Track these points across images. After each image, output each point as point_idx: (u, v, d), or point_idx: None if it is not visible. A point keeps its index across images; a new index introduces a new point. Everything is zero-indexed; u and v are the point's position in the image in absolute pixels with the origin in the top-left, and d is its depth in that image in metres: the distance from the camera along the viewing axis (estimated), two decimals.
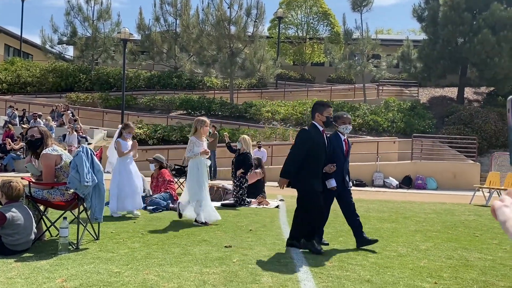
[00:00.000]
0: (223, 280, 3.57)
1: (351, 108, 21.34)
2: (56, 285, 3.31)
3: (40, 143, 4.77)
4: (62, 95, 24.84)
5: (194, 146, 6.31)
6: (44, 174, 4.68)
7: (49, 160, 4.63)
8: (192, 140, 6.36)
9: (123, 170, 6.82)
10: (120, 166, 6.84)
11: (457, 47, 22.20)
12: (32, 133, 4.82)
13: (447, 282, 3.74)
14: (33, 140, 4.79)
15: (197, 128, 6.40)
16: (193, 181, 6.31)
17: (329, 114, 5.00)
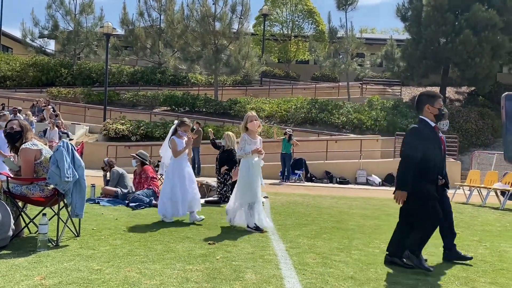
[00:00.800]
0: (206, 277, 3.53)
1: (335, 106, 21.46)
2: (34, 283, 3.23)
3: (19, 136, 4.66)
4: (43, 90, 24.36)
5: (246, 144, 5.74)
6: (23, 169, 4.56)
7: (28, 155, 4.52)
8: (244, 138, 5.78)
9: (178, 172, 6.18)
10: (175, 167, 6.19)
11: (439, 47, 22.50)
12: (12, 125, 4.70)
13: (429, 279, 3.77)
14: (12, 133, 4.67)
15: (246, 123, 5.81)
16: (244, 183, 5.73)
17: (440, 106, 4.24)
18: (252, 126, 5.79)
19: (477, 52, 20.73)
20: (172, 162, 6.26)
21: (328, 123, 20.60)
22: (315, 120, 20.81)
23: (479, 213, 8.83)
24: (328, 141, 17.65)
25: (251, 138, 5.80)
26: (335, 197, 10.92)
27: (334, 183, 15.95)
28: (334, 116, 20.76)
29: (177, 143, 6.21)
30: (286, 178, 15.10)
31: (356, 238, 5.47)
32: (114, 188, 8.12)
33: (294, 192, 11.68)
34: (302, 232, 5.76)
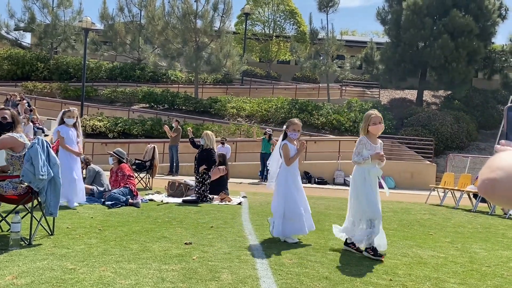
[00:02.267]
0: (182, 277, 3.52)
1: (315, 107, 21.63)
2: (6, 282, 3.16)
3: (9, 127, 4.58)
4: (18, 84, 23.80)
5: (364, 149, 4.83)
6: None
7: (10, 138, 4.40)
8: (362, 141, 4.86)
9: (293, 182, 5.32)
10: (288, 177, 5.30)
11: (417, 51, 22.93)
12: (5, 115, 4.62)
13: (401, 279, 3.85)
14: (4, 123, 4.58)
15: (367, 125, 4.90)
16: (358, 195, 4.78)
17: None
18: (376, 130, 4.89)
19: (454, 57, 21.22)
20: (284, 171, 5.33)
21: (308, 123, 20.75)
22: None
23: (452, 215, 9.04)
24: (308, 142, 17.76)
25: (371, 143, 4.88)
26: (313, 197, 11.01)
27: (313, 183, 16.09)
28: (313, 117, 20.92)
29: (289, 149, 5.33)
30: (265, 178, 15.15)
31: (332, 239, 5.53)
32: (90, 186, 8.00)
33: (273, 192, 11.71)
34: None
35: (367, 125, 4.89)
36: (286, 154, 5.30)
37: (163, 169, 15.20)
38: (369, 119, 4.88)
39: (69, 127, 7.13)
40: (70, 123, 7.15)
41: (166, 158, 15.92)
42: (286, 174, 5.31)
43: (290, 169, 5.32)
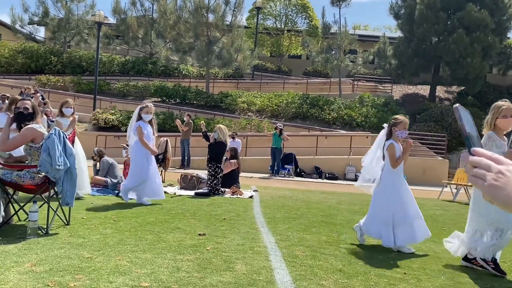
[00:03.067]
0: (197, 267, 3.56)
1: (326, 102, 21.54)
2: (25, 269, 3.22)
3: (30, 118, 4.65)
4: (32, 77, 24.06)
5: (494, 147, 4.04)
6: (14, 138, 4.49)
7: (29, 131, 4.48)
8: (492, 137, 4.11)
9: (399, 185, 4.87)
10: (394, 180, 4.85)
11: (431, 45, 22.68)
12: (26, 106, 4.69)
13: (415, 273, 3.84)
14: (25, 114, 4.65)
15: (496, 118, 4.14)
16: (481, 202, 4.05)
17: None
18: (506, 124, 4.12)
19: (469, 52, 20.95)
20: (390, 174, 4.87)
21: (318, 118, 20.69)
22: (306, 115, 20.88)
23: (465, 211, 8.93)
24: (318, 137, 17.73)
25: (501, 139, 4.14)
26: (324, 192, 11.01)
27: (324, 179, 16.06)
28: (325, 112, 20.85)
29: (396, 149, 4.86)
30: (275, 173, 15.16)
31: (345, 232, 5.53)
32: (104, 178, 8.09)
33: (283, 187, 11.75)
34: (292, 225, 5.81)
35: (495, 118, 4.14)
36: (393, 155, 4.81)
37: (175, 162, 15.29)
38: (499, 110, 4.12)
39: (146, 124, 6.92)
40: (147, 119, 6.93)
41: (177, 152, 16.01)
42: (393, 177, 4.85)
43: (396, 172, 4.86)
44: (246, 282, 3.27)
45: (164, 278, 3.23)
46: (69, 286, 2.94)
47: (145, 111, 6.93)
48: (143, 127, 6.82)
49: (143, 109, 6.94)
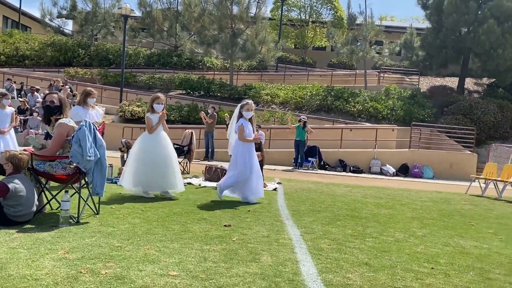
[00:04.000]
0: (223, 257, 3.61)
1: (351, 94, 21.30)
2: (58, 256, 3.34)
3: (57, 111, 4.79)
4: (60, 70, 24.63)
5: None
6: (53, 140, 4.69)
7: (63, 129, 4.65)
8: None
9: None
10: None
11: (460, 36, 22.08)
12: (52, 99, 4.84)
13: (443, 268, 3.79)
14: (52, 107, 4.80)
15: None
16: None
17: None
18: None
19: (500, 43, 20.32)
20: None
21: (343, 111, 20.48)
22: (330, 108, 20.71)
23: (495, 206, 8.77)
24: (343, 129, 17.57)
25: None
26: (348, 185, 10.93)
27: (348, 172, 15.93)
28: (349, 104, 20.62)
29: None
30: (299, 165, 15.13)
31: (370, 226, 5.50)
32: None
33: (307, 179, 11.72)
34: (316, 218, 5.80)
35: None
36: None
37: (199, 154, 15.44)
38: None
39: (248, 121, 6.72)
40: (248, 117, 6.72)
41: (202, 144, 16.16)
42: None
43: None
44: (272, 273, 3.30)
45: (191, 267, 3.30)
46: (101, 273, 3.03)
47: (246, 109, 6.66)
48: (245, 126, 6.61)
49: (244, 107, 6.68)
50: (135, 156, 6.48)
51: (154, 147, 6.43)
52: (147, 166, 6.34)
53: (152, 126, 6.43)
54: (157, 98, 6.48)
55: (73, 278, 2.92)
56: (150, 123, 6.44)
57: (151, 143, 6.45)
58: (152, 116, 6.47)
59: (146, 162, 6.36)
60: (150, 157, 6.38)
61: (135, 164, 6.42)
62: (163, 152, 6.47)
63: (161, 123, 6.50)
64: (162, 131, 6.55)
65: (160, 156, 6.42)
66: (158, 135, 6.52)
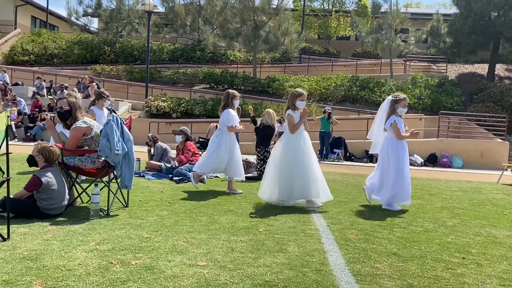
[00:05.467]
0: (250, 248, 3.63)
1: (376, 84, 20.93)
2: (90, 248, 3.43)
3: (68, 115, 4.89)
4: (88, 67, 25.11)
5: None
6: (68, 142, 4.82)
7: (77, 132, 4.76)
8: None
9: None
10: None
11: (490, 21, 21.34)
12: (61, 105, 4.93)
13: (475, 258, 3.70)
14: (62, 112, 4.91)
15: None
16: None
17: None
18: None
19: None
20: None
21: (369, 101, 20.17)
22: (355, 98, 20.43)
23: None
24: (369, 120, 17.29)
25: None
26: None
27: (374, 163, 15.69)
28: (375, 94, 20.29)
29: None
30: (324, 157, 15.02)
31: (398, 216, 5.42)
32: (158, 163, 8.37)
33: (333, 171, 11.63)
34: (343, 209, 5.76)
35: None
36: None
37: None
38: None
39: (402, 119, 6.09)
40: (403, 113, 6.12)
41: None
42: None
43: None
44: (299, 263, 3.30)
45: (219, 258, 3.33)
46: (131, 264, 3.10)
47: (403, 104, 5.88)
48: (398, 123, 5.84)
49: (401, 102, 5.86)
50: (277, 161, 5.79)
51: (296, 149, 5.73)
52: (289, 172, 5.66)
53: (294, 125, 5.71)
54: (301, 95, 5.81)
55: (104, 268, 2.99)
56: (292, 121, 5.71)
57: (293, 144, 5.75)
58: (293, 114, 5.76)
59: (288, 167, 5.68)
60: (292, 161, 5.68)
61: (277, 170, 5.75)
62: (306, 156, 5.74)
63: (303, 121, 5.79)
64: (304, 131, 5.86)
65: (302, 160, 5.70)
66: (301, 135, 5.82)
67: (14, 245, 3.40)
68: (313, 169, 5.74)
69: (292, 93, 5.94)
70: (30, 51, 26.09)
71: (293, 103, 5.84)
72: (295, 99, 5.84)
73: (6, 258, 3.11)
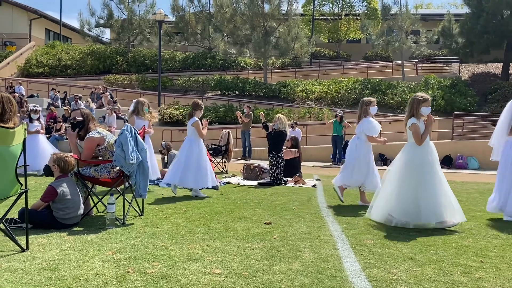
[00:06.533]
0: (265, 255, 3.63)
1: (388, 86, 20.82)
2: (107, 257, 3.47)
3: (82, 126, 4.97)
4: (101, 77, 25.45)
5: None
6: (82, 153, 4.90)
7: (91, 143, 4.84)
8: None
9: None
10: None
11: (502, 20, 21.09)
12: (75, 116, 5.02)
13: (493, 261, 3.65)
14: (75, 123, 4.99)
15: None
16: None
17: None
18: None
19: None
20: None
21: (381, 103, 20.01)
22: None
23: None
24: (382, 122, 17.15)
25: None
26: None
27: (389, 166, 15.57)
28: (388, 97, 20.17)
29: None
30: (337, 161, 14.95)
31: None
32: None
33: None
34: (358, 214, 5.73)
35: None
36: None
37: (236, 153, 15.55)
38: None
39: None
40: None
41: (239, 143, 16.27)
42: None
43: None
44: (314, 270, 3.30)
45: (234, 265, 3.34)
46: (147, 272, 3.13)
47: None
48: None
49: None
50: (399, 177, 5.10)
51: (424, 163, 5.01)
52: (415, 190, 4.92)
53: (422, 135, 5.05)
54: (426, 100, 5.15)
55: (121, 277, 3.03)
56: (418, 131, 5.03)
57: (421, 157, 5.04)
58: (419, 123, 5.10)
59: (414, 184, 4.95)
60: (419, 177, 4.95)
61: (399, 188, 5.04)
62: (434, 170, 5.01)
63: (429, 130, 5.15)
64: (430, 141, 5.16)
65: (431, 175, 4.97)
66: (428, 146, 5.11)
67: (33, 256, 3.46)
68: (443, 185, 4.99)
69: (415, 99, 5.18)
70: (45, 63, 26.56)
71: (418, 110, 5.12)
72: (420, 105, 5.13)
73: (26, 268, 3.17)
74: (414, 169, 4.99)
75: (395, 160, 5.32)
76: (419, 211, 4.86)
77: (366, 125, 6.46)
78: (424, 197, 4.87)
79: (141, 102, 7.65)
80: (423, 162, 5.00)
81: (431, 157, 5.04)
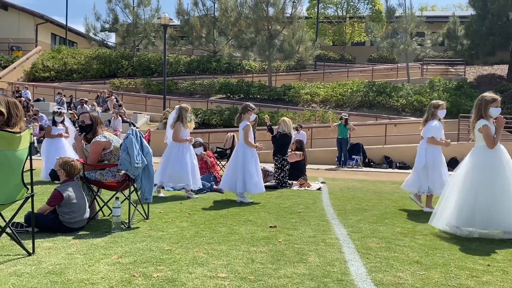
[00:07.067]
0: (270, 258, 3.63)
1: (393, 89, 20.77)
2: (112, 261, 3.48)
3: (90, 129, 4.99)
4: (106, 81, 25.59)
5: None
6: (89, 157, 4.94)
7: (97, 147, 4.86)
8: None
9: None
10: None
11: (508, 22, 21.01)
12: (83, 119, 5.05)
13: (501, 265, 3.62)
14: (83, 126, 5.02)
15: None
16: None
17: None
18: None
19: None
20: None
21: (386, 106, 20.01)
22: (372, 104, 20.29)
23: None
24: (387, 125, 17.16)
25: None
26: (395, 182, 10.66)
27: (394, 168, 15.52)
28: (393, 99, 20.12)
29: None
30: (343, 164, 14.92)
31: (420, 223, 5.34)
32: None
33: (352, 178, 11.54)
34: (363, 217, 5.71)
35: None
36: None
37: None
38: None
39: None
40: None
41: None
42: None
43: None
44: (320, 273, 3.28)
45: (240, 269, 3.33)
46: (153, 276, 3.13)
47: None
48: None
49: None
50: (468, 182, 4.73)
51: (496, 166, 4.68)
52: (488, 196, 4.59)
53: (494, 136, 4.73)
54: (495, 100, 4.82)
55: (127, 281, 3.03)
56: (491, 133, 4.72)
57: (492, 161, 4.71)
58: (490, 124, 4.76)
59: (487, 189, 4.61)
60: (492, 182, 4.62)
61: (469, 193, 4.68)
62: (507, 174, 4.65)
63: (500, 132, 4.81)
64: (501, 144, 4.81)
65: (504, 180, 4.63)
66: (500, 149, 4.78)
67: (39, 260, 3.47)
68: None
69: (482, 99, 4.86)
70: (51, 68, 26.73)
71: (486, 111, 4.79)
72: (488, 105, 4.79)
73: (32, 272, 3.18)
74: (487, 173, 4.65)
75: (462, 164, 4.94)
76: (491, 218, 4.54)
77: (431, 128, 6.41)
78: (497, 204, 4.55)
79: (184, 109, 6.97)
80: (495, 165, 4.68)
81: (505, 160, 4.72)
